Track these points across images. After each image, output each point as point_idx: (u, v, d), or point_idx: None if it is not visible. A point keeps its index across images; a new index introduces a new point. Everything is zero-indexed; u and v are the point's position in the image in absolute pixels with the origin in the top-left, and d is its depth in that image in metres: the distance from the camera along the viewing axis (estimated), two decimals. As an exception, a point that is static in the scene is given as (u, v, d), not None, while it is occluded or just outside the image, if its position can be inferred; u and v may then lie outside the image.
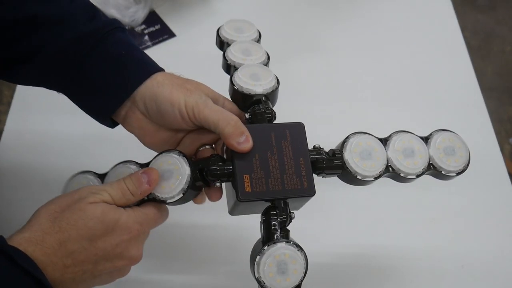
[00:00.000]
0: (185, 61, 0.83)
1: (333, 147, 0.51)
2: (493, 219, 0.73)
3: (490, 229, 0.72)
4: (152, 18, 0.89)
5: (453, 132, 0.53)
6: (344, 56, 0.89)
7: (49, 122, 0.78)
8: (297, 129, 0.48)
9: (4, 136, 0.77)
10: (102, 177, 0.50)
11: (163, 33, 0.88)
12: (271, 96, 0.51)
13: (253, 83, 0.51)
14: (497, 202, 0.74)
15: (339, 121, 0.80)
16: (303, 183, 0.47)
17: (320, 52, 0.89)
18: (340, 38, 0.91)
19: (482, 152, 0.79)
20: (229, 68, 0.54)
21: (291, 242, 0.45)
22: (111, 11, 0.85)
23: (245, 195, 0.45)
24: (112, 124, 0.51)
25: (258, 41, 0.59)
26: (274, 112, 0.51)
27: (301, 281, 0.46)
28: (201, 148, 0.51)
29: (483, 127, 0.82)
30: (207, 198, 0.52)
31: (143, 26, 0.88)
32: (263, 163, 0.46)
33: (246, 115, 0.50)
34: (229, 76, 0.53)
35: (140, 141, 0.52)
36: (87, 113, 0.50)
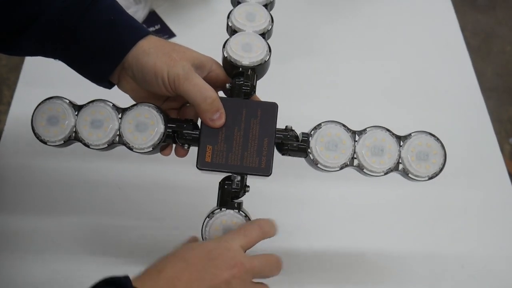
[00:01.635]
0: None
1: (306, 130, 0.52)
2: (493, 219, 0.73)
3: (490, 229, 0.72)
4: (152, 18, 0.89)
5: (435, 137, 0.52)
6: (344, 55, 0.89)
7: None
8: (270, 109, 0.50)
9: (4, 136, 0.77)
10: (76, 108, 0.51)
11: (163, 33, 0.88)
12: (258, 69, 0.52)
13: (241, 54, 0.52)
14: (497, 202, 0.74)
15: (338, 119, 0.80)
16: (262, 162, 0.49)
17: (320, 52, 0.89)
18: (340, 38, 0.91)
19: (482, 152, 0.80)
20: (231, 31, 0.55)
21: (241, 212, 0.49)
22: (111, 11, 0.85)
23: (204, 164, 0.49)
24: (109, 85, 0.53)
25: (269, 5, 0.58)
26: (254, 87, 0.52)
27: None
28: (186, 105, 0.55)
29: (483, 127, 0.82)
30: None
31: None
32: (228, 137, 0.49)
33: (227, 85, 0.52)
34: None
35: (134, 100, 0.54)
36: (84, 76, 0.52)
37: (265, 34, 0.55)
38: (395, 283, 0.67)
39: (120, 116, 0.50)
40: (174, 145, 0.53)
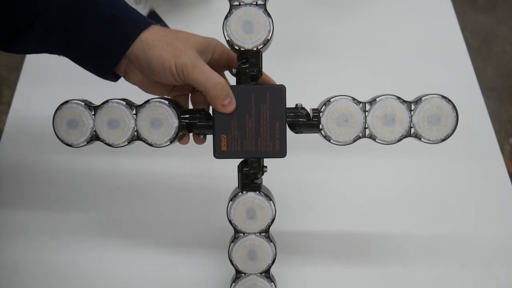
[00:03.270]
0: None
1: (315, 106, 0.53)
2: (493, 219, 0.73)
3: (490, 229, 0.72)
4: (152, 18, 0.89)
5: (446, 99, 0.52)
6: (344, 55, 0.89)
7: (49, 122, 0.78)
8: (278, 92, 0.51)
9: (4, 136, 0.77)
10: (92, 108, 0.52)
11: (163, 33, 0.87)
12: (263, 48, 0.52)
13: (244, 35, 0.51)
14: (497, 202, 0.74)
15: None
16: (276, 145, 0.51)
17: (320, 52, 0.89)
18: (340, 38, 0.91)
19: (482, 152, 0.79)
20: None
21: (260, 193, 0.53)
22: (111, 11, 0.85)
23: (220, 153, 0.51)
24: (115, 78, 0.54)
25: None
26: (261, 70, 0.52)
27: (269, 226, 0.54)
28: (196, 91, 0.56)
29: (483, 127, 0.82)
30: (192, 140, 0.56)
31: (143, 26, 0.88)
32: (240, 125, 0.51)
33: (234, 70, 0.52)
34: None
35: (143, 90, 0.55)
36: (88, 70, 0.52)
37: (265, 3, 0.53)
38: (395, 283, 0.67)
39: (134, 113, 0.51)
40: (191, 134, 0.55)
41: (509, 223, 0.73)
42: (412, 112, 0.51)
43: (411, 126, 0.51)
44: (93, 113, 0.52)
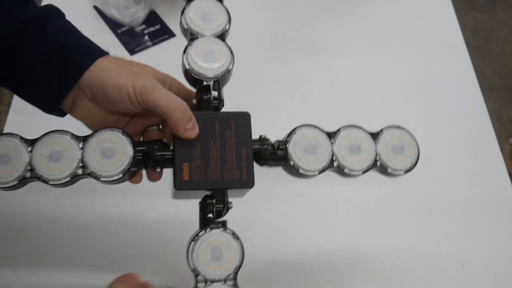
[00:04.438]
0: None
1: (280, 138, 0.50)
2: (493, 219, 0.73)
3: (490, 229, 0.72)
4: (152, 18, 0.89)
5: (405, 130, 0.52)
6: (344, 56, 0.89)
7: (49, 122, 0.78)
8: (243, 119, 0.48)
9: (4, 136, 0.77)
10: (29, 142, 0.46)
11: (163, 33, 0.88)
12: (222, 79, 0.50)
13: (205, 65, 0.48)
14: (497, 202, 0.74)
15: (338, 119, 0.80)
16: (243, 174, 0.46)
17: (320, 52, 0.89)
18: (340, 38, 0.91)
19: (482, 152, 0.80)
20: (186, 32, 0.52)
21: (227, 230, 0.45)
22: (111, 11, 0.85)
23: (182, 184, 0.45)
24: (62, 113, 0.50)
25: None
26: (222, 100, 0.49)
27: (237, 270, 0.45)
28: (149, 129, 0.52)
29: (483, 127, 0.82)
30: (144, 178, 0.51)
31: (143, 26, 0.88)
32: (204, 152, 0.46)
33: (194, 101, 0.49)
34: None
35: (89, 127, 0.51)
36: (33, 105, 0.49)
37: (224, 35, 0.52)
38: (395, 283, 0.67)
39: (81, 145, 0.45)
40: (144, 171, 0.50)
41: (509, 223, 0.73)
42: (376, 142, 0.51)
43: (377, 156, 0.50)
44: (30, 149, 0.45)
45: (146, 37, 0.87)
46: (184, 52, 0.49)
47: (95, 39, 0.49)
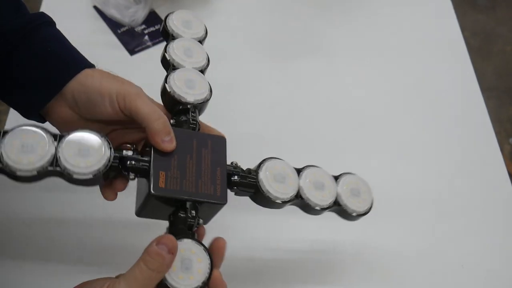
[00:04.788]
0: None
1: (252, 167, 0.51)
2: (493, 219, 0.73)
3: (490, 229, 0.72)
4: (152, 18, 0.89)
5: (360, 177, 0.55)
6: (344, 56, 0.89)
7: (48, 123, 0.78)
8: (219, 142, 0.49)
9: (4, 136, 0.77)
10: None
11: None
12: (200, 106, 0.52)
13: (186, 90, 0.50)
14: (497, 202, 0.74)
15: (339, 119, 0.80)
16: (217, 190, 0.47)
17: (319, 52, 0.89)
18: (339, 39, 0.91)
19: (482, 152, 0.80)
20: (167, 64, 0.54)
21: (199, 242, 0.44)
22: (111, 11, 0.85)
23: (158, 190, 0.44)
24: (41, 119, 0.50)
25: (203, 41, 0.58)
26: (199, 124, 0.51)
27: (204, 283, 0.43)
28: (123, 145, 0.50)
29: (483, 127, 0.82)
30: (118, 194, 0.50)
31: (143, 26, 0.88)
32: (181, 164, 0.46)
33: (172, 121, 0.50)
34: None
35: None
36: (13, 108, 0.49)
37: (203, 71, 0.55)
38: (395, 283, 0.67)
39: (56, 142, 0.43)
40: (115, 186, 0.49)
41: (509, 223, 0.73)
42: (336, 183, 0.53)
43: (337, 198, 0.52)
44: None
45: (146, 37, 0.87)
46: (165, 80, 0.51)
47: (95, 39, 0.50)
